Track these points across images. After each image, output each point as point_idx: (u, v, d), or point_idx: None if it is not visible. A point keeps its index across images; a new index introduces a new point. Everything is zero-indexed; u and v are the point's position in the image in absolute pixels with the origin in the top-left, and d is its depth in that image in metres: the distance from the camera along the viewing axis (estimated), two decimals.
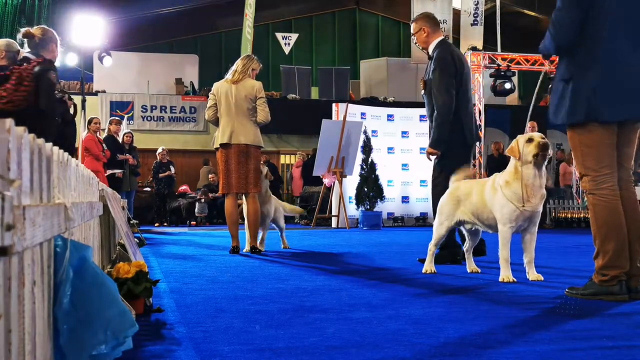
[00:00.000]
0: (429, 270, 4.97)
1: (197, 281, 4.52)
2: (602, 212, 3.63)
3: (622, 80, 3.57)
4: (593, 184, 3.67)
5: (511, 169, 4.39)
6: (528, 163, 4.28)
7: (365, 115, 15.17)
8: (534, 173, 4.28)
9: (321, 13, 26.27)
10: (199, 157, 18.96)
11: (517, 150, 4.32)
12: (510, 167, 4.40)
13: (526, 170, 4.28)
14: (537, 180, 4.30)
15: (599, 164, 3.64)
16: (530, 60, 15.87)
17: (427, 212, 15.61)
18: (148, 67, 20.85)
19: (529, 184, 4.28)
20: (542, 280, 4.38)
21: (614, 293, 3.55)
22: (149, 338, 2.61)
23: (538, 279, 4.41)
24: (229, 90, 6.86)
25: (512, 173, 4.37)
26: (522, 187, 4.27)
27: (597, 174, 3.65)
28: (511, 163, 4.41)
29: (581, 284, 3.80)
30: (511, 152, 4.38)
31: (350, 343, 2.49)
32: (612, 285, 3.56)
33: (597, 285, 3.62)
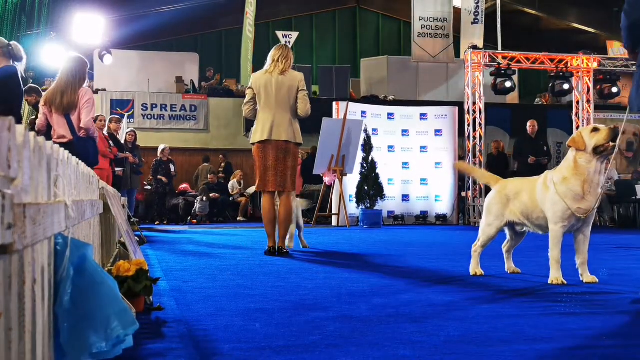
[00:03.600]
0: (478, 273, 4.68)
1: (198, 279, 4.52)
2: None
3: None
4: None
5: (570, 164, 4.13)
6: (593, 155, 4.03)
7: (366, 114, 15.16)
8: (595, 168, 4.05)
9: (322, 11, 26.26)
10: (199, 155, 18.96)
11: (582, 142, 4.07)
12: (569, 161, 4.14)
13: (588, 164, 4.04)
14: (597, 176, 4.07)
15: None
16: (531, 59, 15.85)
17: (427, 211, 15.62)
18: (148, 66, 20.83)
19: (588, 179, 4.05)
20: (598, 282, 4.20)
21: None
22: (150, 336, 2.61)
23: (593, 281, 4.20)
24: (269, 82, 6.48)
25: (571, 168, 4.11)
26: (581, 183, 4.05)
27: None
28: (569, 157, 4.15)
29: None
30: (574, 143, 4.12)
31: (350, 341, 2.49)
32: None
33: None
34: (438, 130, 15.74)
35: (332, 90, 20.05)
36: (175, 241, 9.00)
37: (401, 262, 5.88)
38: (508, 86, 15.55)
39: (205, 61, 22.54)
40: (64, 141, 6.20)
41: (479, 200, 14.68)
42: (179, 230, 12.24)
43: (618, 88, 16.54)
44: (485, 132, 15.54)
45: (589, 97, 16.21)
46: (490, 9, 19.34)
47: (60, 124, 6.34)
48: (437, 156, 15.66)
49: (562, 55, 15.97)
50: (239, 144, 19.19)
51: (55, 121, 6.37)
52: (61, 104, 6.30)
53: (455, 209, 15.51)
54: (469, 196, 15.15)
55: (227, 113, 19.77)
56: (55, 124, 6.37)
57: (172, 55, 21.98)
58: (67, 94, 6.32)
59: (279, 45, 6.86)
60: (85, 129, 6.35)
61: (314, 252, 7.01)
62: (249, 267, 5.39)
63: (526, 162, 13.38)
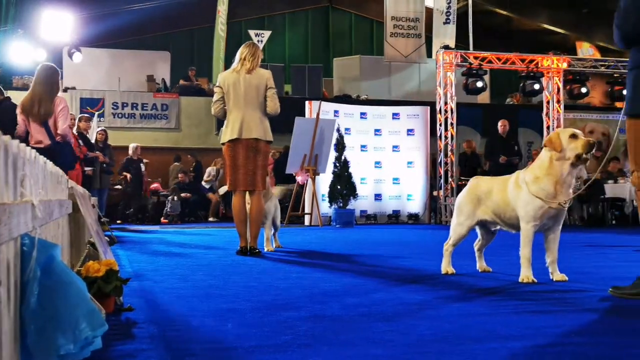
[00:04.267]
0: (449, 272, 4.69)
1: (169, 280, 4.48)
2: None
3: None
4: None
5: (544, 163, 4.15)
6: (567, 160, 4.08)
7: (338, 113, 15.18)
8: (569, 170, 4.09)
9: (294, 11, 26.23)
10: (171, 154, 18.81)
11: (560, 144, 4.08)
12: (543, 161, 4.17)
13: (563, 166, 4.08)
14: (569, 178, 4.12)
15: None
16: (502, 59, 15.99)
17: (400, 210, 15.68)
18: (119, 64, 20.63)
19: (560, 180, 4.09)
20: (567, 280, 4.24)
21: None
22: (119, 337, 2.57)
23: (563, 279, 4.24)
24: (237, 80, 6.45)
25: (544, 167, 4.14)
26: (554, 182, 4.09)
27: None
28: (544, 157, 4.18)
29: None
30: (551, 144, 4.13)
31: (322, 341, 2.48)
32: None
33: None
34: (410, 130, 15.81)
35: (304, 89, 20.04)
36: (147, 241, 8.92)
37: (373, 262, 5.89)
38: (479, 86, 15.67)
39: (176, 60, 22.38)
40: (41, 146, 6.60)
41: (450, 199, 14.77)
42: (150, 230, 12.14)
43: (587, 88, 16.77)
44: (456, 131, 15.64)
45: (559, 97, 16.40)
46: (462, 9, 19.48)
47: (37, 131, 6.79)
48: (409, 155, 15.73)
49: (533, 56, 16.14)
50: (211, 143, 19.07)
51: (32, 128, 6.80)
52: (38, 113, 6.78)
53: (427, 208, 15.60)
54: (440, 195, 15.24)
55: (198, 112, 19.64)
56: (33, 130, 6.80)
57: (143, 53, 21.78)
58: (43, 103, 6.80)
59: (247, 43, 6.83)
60: (62, 135, 6.84)
61: (286, 252, 6.99)
62: (221, 267, 5.36)
63: (497, 162, 13.49)
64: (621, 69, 16.68)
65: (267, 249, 6.97)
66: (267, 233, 7.11)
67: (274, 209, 7.19)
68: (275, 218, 7.34)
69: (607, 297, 3.63)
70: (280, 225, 7.68)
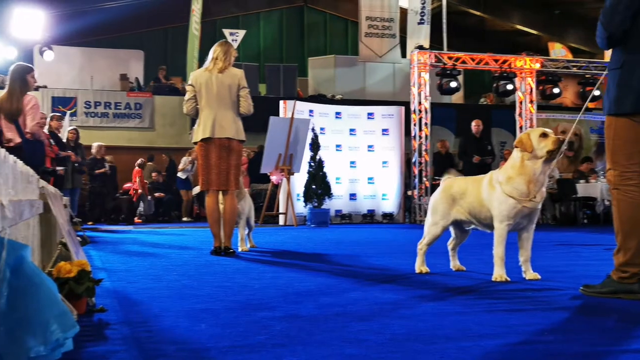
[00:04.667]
0: (423, 271, 4.72)
1: (142, 280, 4.45)
2: (626, 208, 3.55)
3: None
4: (619, 179, 3.60)
5: (516, 163, 4.20)
6: (538, 158, 4.12)
7: (313, 113, 15.17)
8: (541, 169, 4.14)
9: (269, 10, 26.18)
10: (145, 154, 18.66)
11: (530, 144, 4.13)
12: (515, 161, 4.22)
13: (534, 165, 4.13)
14: (542, 177, 4.17)
15: (628, 160, 3.57)
16: (476, 60, 16.11)
17: (374, 209, 15.72)
18: (92, 63, 20.44)
19: (533, 179, 4.14)
20: (540, 279, 4.28)
21: (634, 291, 3.48)
22: (91, 339, 2.55)
23: (535, 278, 4.28)
24: (209, 80, 6.41)
25: (516, 167, 4.18)
26: (526, 182, 4.13)
27: (625, 169, 3.57)
28: (515, 157, 4.23)
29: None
30: (521, 145, 4.17)
31: (296, 340, 2.48)
32: (631, 283, 3.49)
33: (615, 283, 3.54)
34: (385, 130, 15.86)
35: (279, 88, 20.02)
36: (119, 241, 8.84)
37: (348, 261, 5.90)
38: (453, 86, 15.76)
39: (150, 58, 22.23)
40: (11, 145, 6.61)
41: (424, 198, 14.84)
42: (123, 230, 12.04)
43: (559, 89, 16.95)
44: (430, 131, 15.72)
45: (531, 98, 16.55)
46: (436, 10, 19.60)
47: (9, 128, 6.85)
48: (384, 155, 15.78)
49: (506, 56, 16.28)
50: (185, 142, 18.94)
51: (4, 126, 6.86)
52: (9, 110, 6.86)
53: (402, 208, 15.66)
54: (415, 195, 15.31)
55: (172, 111, 19.53)
56: (5, 128, 6.86)
57: (116, 52, 21.60)
58: (13, 101, 6.89)
59: (220, 42, 6.79)
60: (31, 133, 6.89)
61: (260, 252, 6.98)
62: (195, 267, 5.33)
63: (471, 162, 13.58)
64: (593, 69, 16.89)
65: (241, 248, 6.94)
66: (241, 233, 7.09)
67: (248, 208, 7.16)
68: (250, 218, 7.31)
69: (578, 295, 3.68)
70: (254, 225, 7.66)
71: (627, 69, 3.57)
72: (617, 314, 3.13)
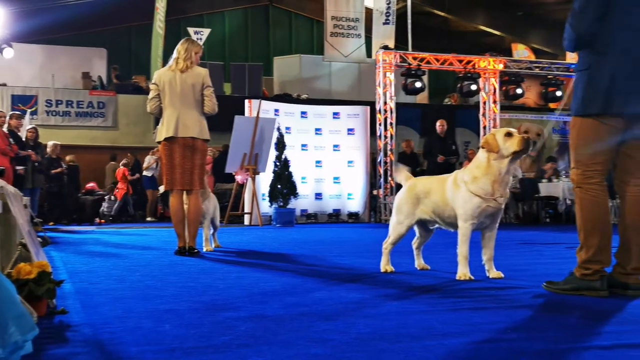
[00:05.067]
0: (388, 270, 4.73)
1: (105, 281, 4.39)
2: (588, 206, 3.61)
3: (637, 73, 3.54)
4: (581, 178, 3.64)
5: (482, 164, 4.25)
6: (504, 158, 4.17)
7: (279, 112, 15.14)
8: (506, 169, 4.19)
9: (234, 9, 26.07)
10: (108, 153, 18.44)
11: (496, 144, 4.18)
12: (481, 161, 4.26)
13: (500, 165, 4.18)
14: (507, 176, 4.22)
15: (591, 159, 3.61)
16: (440, 60, 16.23)
17: (340, 209, 15.75)
18: (53, 60, 20.14)
19: (498, 179, 4.19)
20: (503, 277, 4.32)
21: (595, 288, 3.52)
22: (52, 341, 2.50)
23: (499, 276, 4.33)
24: (173, 78, 6.34)
25: (482, 167, 4.23)
26: (491, 182, 4.19)
27: (588, 168, 3.62)
28: (481, 157, 4.27)
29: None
30: (487, 145, 4.22)
31: (262, 341, 2.47)
32: (593, 280, 3.54)
33: (578, 280, 3.60)
34: (350, 129, 15.90)
35: (244, 88, 19.95)
36: (82, 242, 8.72)
37: (313, 261, 5.90)
38: (418, 86, 15.85)
39: (113, 57, 21.98)
40: None
41: (390, 198, 14.91)
42: (85, 231, 11.88)
43: (522, 89, 17.16)
44: (396, 131, 15.79)
45: (495, 98, 16.74)
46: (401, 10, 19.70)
47: None
48: (350, 155, 15.82)
49: (470, 57, 16.43)
50: (149, 142, 18.75)
51: None
52: None
53: (367, 207, 15.71)
54: (380, 194, 15.37)
55: (136, 110, 19.31)
56: None
57: (79, 50, 21.31)
58: None
59: (185, 39, 6.69)
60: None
61: (225, 252, 6.94)
62: (159, 268, 5.28)
63: (436, 161, 13.68)
64: (555, 70, 17.14)
65: (206, 249, 6.89)
66: (206, 233, 7.04)
67: (212, 208, 7.12)
68: (215, 218, 7.26)
69: (541, 293, 3.72)
70: (219, 225, 7.61)
71: (594, 70, 3.61)
72: (579, 311, 3.17)
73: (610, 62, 3.57)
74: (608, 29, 3.58)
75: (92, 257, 6.31)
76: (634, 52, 3.57)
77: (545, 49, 24.67)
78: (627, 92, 3.53)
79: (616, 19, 3.58)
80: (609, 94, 3.54)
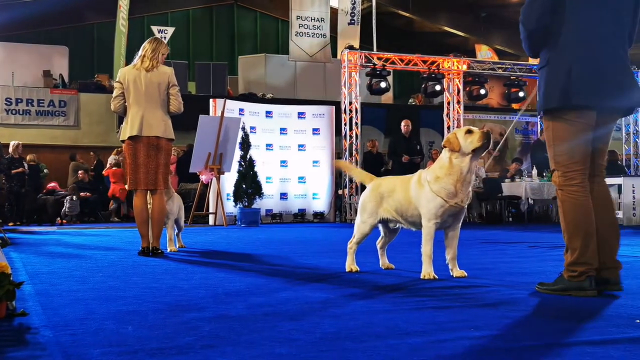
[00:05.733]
0: (353, 269, 4.74)
1: (66, 282, 4.32)
2: (570, 208, 3.60)
3: (599, 66, 3.55)
4: (562, 180, 3.64)
5: (444, 163, 4.28)
6: (465, 156, 4.21)
7: (244, 112, 15.09)
8: (468, 167, 4.22)
9: (198, 7, 25.92)
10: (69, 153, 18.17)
11: (457, 143, 4.22)
12: (443, 161, 4.30)
13: (461, 163, 4.21)
14: (469, 175, 4.26)
15: (570, 159, 3.61)
16: (405, 60, 16.32)
17: (305, 209, 15.75)
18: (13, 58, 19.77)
19: (460, 178, 4.22)
20: (467, 276, 4.37)
21: (584, 288, 3.53)
22: (11, 343, 2.45)
23: (462, 275, 4.37)
24: (138, 77, 6.28)
25: (445, 167, 4.27)
26: (454, 181, 4.22)
27: (567, 169, 3.62)
28: (444, 157, 4.31)
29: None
30: (449, 144, 4.27)
31: (226, 341, 2.45)
32: (581, 280, 3.54)
33: (566, 281, 3.60)
34: (316, 129, 15.91)
35: (209, 87, 19.84)
36: (43, 242, 8.58)
37: (278, 261, 5.89)
38: (383, 86, 15.94)
39: (75, 55, 21.67)
40: None
41: (355, 197, 14.96)
42: (46, 231, 11.69)
43: (486, 90, 17.36)
44: (361, 131, 15.85)
45: (459, 98, 16.89)
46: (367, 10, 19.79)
47: None
48: (315, 154, 15.83)
49: (434, 57, 16.55)
50: (112, 141, 18.56)
51: None
52: None
53: (332, 207, 15.74)
54: (345, 194, 15.41)
55: (99, 109, 19.07)
56: None
57: (40, 47, 20.95)
58: None
59: (150, 38, 6.66)
60: None
61: (190, 252, 6.89)
62: (122, 269, 5.22)
63: (400, 161, 13.75)
64: (517, 71, 17.37)
65: (170, 249, 6.84)
66: (170, 233, 6.99)
67: (177, 209, 7.06)
68: (179, 218, 7.21)
69: (504, 292, 3.77)
70: (184, 226, 7.55)
71: (552, 65, 3.65)
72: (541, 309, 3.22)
73: (567, 56, 3.59)
74: (561, 23, 3.61)
75: (53, 258, 6.21)
76: (589, 43, 3.58)
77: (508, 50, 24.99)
78: (586, 85, 3.55)
79: (569, 12, 3.60)
80: (567, 87, 3.55)
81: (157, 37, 6.64)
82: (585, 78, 3.55)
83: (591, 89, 3.55)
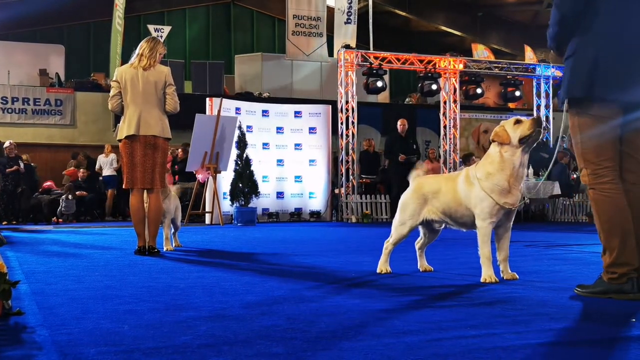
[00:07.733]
0: (384, 270, 4.58)
1: (62, 281, 4.31)
2: (604, 207, 3.45)
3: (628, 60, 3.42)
4: (593, 178, 3.50)
5: (495, 158, 4.05)
6: (517, 148, 3.98)
7: (240, 111, 15.08)
8: (520, 160, 3.99)
9: (195, 6, 25.88)
10: (65, 151, 18.13)
11: (507, 135, 4.00)
12: (493, 157, 4.07)
13: (513, 157, 3.99)
14: (522, 169, 4.03)
15: (599, 156, 3.47)
16: (401, 59, 16.32)
17: (302, 208, 15.75)
18: (9, 56, 19.77)
19: (514, 173, 4.00)
20: (518, 279, 4.20)
21: (625, 291, 3.37)
22: (7, 343, 2.45)
23: (513, 277, 4.17)
24: (135, 76, 6.28)
25: (496, 162, 4.03)
26: (507, 177, 3.99)
27: (597, 167, 3.48)
28: (493, 153, 4.08)
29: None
30: (498, 138, 4.05)
31: (222, 341, 2.45)
32: (622, 282, 3.38)
33: (606, 284, 3.44)
34: (312, 128, 15.90)
35: (205, 86, 19.83)
36: (39, 242, 8.56)
37: (275, 260, 5.88)
38: (379, 85, 15.94)
39: (71, 54, 21.63)
40: None
41: (351, 197, 14.97)
42: (42, 230, 11.67)
43: (482, 89, 17.37)
44: (357, 130, 15.85)
45: (455, 97, 16.90)
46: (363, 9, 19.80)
47: None
48: (311, 154, 15.82)
49: (431, 57, 16.56)
50: (108, 139, 18.53)
51: None
52: None
53: (329, 206, 15.74)
54: (342, 193, 15.41)
55: (95, 108, 19.06)
56: None
57: (36, 46, 20.95)
58: None
59: (147, 38, 6.66)
60: None
61: (186, 251, 6.88)
62: (118, 268, 5.21)
63: (397, 160, 13.76)
64: (514, 71, 17.39)
65: (166, 248, 6.83)
66: (166, 232, 6.98)
67: (173, 208, 7.05)
68: (176, 218, 7.20)
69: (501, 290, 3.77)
70: (180, 225, 7.55)
71: (578, 55, 3.53)
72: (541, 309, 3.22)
73: (595, 47, 3.47)
74: (593, 14, 3.49)
75: (49, 257, 6.20)
76: (619, 36, 3.46)
77: (504, 49, 25.01)
78: (613, 78, 3.43)
79: (601, 2, 3.49)
80: (592, 78, 3.43)
81: (154, 36, 6.62)
82: (612, 71, 3.42)
83: (617, 83, 3.42)
